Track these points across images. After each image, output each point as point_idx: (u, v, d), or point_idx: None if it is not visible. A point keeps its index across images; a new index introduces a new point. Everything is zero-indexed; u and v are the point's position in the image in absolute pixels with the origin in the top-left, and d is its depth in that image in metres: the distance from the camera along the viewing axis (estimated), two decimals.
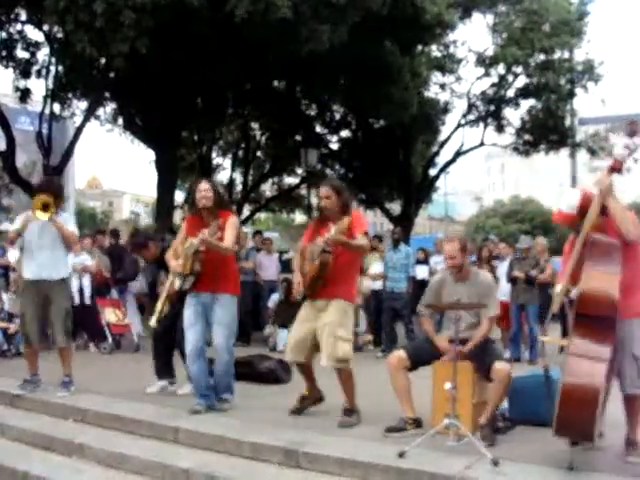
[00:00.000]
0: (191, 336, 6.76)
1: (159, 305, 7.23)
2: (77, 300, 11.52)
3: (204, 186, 6.81)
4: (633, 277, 5.07)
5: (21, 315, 8.04)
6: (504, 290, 11.16)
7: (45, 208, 7.38)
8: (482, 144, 26.25)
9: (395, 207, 28.28)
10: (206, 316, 6.78)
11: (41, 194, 7.47)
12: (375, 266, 13.26)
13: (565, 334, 10.04)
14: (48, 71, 17.98)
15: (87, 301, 11.86)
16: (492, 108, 24.99)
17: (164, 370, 7.99)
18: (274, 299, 13.51)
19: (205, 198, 6.73)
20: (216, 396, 6.87)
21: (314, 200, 16.43)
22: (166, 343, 7.93)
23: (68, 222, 7.78)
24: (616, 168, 5.00)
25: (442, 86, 25.13)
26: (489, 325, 6.14)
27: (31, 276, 7.66)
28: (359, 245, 6.31)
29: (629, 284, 4.99)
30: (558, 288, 5.24)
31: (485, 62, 23.72)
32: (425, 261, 13.75)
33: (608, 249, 4.94)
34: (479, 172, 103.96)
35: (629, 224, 4.97)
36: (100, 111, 21.80)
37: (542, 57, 22.21)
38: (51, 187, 7.74)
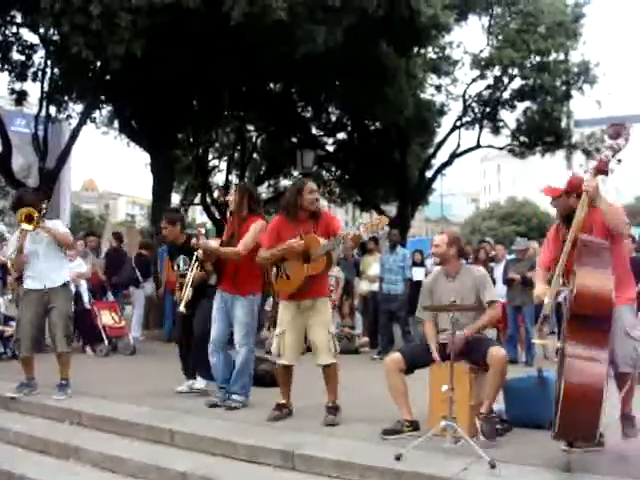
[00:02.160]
0: (213, 330, 7.15)
1: (185, 292, 7.66)
2: (72, 307, 11.49)
3: (232, 190, 7.39)
4: (621, 272, 5.17)
5: (17, 320, 8.03)
6: (501, 292, 11.16)
7: (29, 219, 7.39)
8: (478, 146, 26.27)
9: (391, 209, 28.28)
10: (228, 313, 7.10)
11: (20, 208, 7.50)
12: (374, 267, 13.27)
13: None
14: (44, 74, 17.95)
15: (86, 306, 11.85)
16: (488, 110, 25.02)
17: (191, 369, 8.05)
18: (270, 302, 13.47)
19: (231, 203, 7.20)
20: (229, 392, 7.10)
21: None
22: (189, 345, 8.00)
23: (57, 226, 7.78)
24: (601, 169, 5.08)
25: (438, 88, 25.17)
26: (494, 310, 6.20)
27: (32, 286, 7.66)
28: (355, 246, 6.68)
29: (623, 275, 5.16)
30: (540, 289, 5.31)
31: (481, 64, 23.74)
32: (421, 263, 13.72)
33: (598, 250, 4.98)
34: (475, 174, 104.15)
35: (619, 220, 5.15)
36: (96, 114, 21.75)
37: (538, 59, 22.25)
38: (23, 201, 7.72)
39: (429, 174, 26.92)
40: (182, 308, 7.62)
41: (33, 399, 7.52)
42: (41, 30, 16.05)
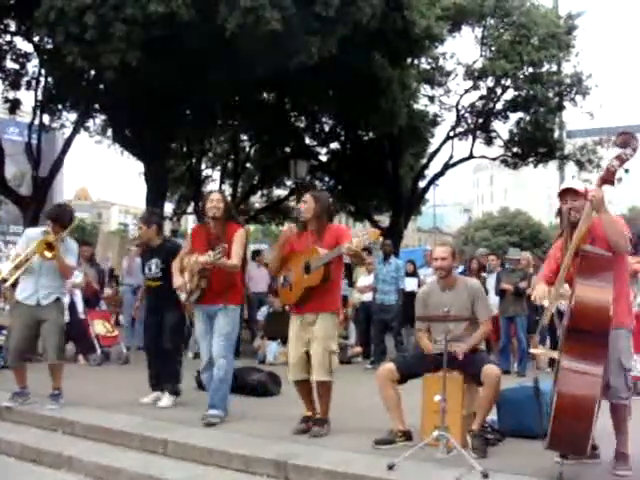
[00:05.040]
0: (203, 349, 7.04)
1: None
2: (67, 317, 11.46)
3: (216, 196, 7.01)
4: (621, 287, 5.11)
5: (8, 329, 8.01)
6: (493, 302, 11.18)
7: (50, 248, 7.36)
8: (471, 156, 26.29)
9: (384, 219, 28.30)
10: (212, 326, 6.92)
11: (47, 235, 7.46)
12: (362, 279, 13.29)
13: (555, 347, 10.07)
14: (38, 82, 17.98)
15: (81, 316, 11.83)
16: (481, 120, 25.07)
17: (157, 381, 7.98)
18: (263, 311, 13.50)
19: (216, 208, 6.88)
20: (207, 405, 6.87)
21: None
22: (157, 353, 7.93)
23: (69, 251, 7.73)
24: (608, 179, 4.98)
25: (431, 98, 25.20)
26: (487, 327, 6.19)
27: (23, 300, 7.63)
28: (365, 258, 6.58)
29: (619, 294, 5.04)
30: (542, 290, 5.26)
31: (474, 75, 23.79)
32: (413, 274, 13.75)
33: (600, 262, 4.94)
34: (468, 184, 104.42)
35: (620, 237, 4.99)
36: (89, 123, 21.81)
37: (530, 70, 22.31)
38: (61, 217, 7.71)
39: (422, 184, 26.95)
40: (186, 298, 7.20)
41: (26, 409, 7.49)
42: (35, 39, 16.09)
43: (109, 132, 23.18)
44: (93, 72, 15.00)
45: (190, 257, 6.97)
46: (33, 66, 17.86)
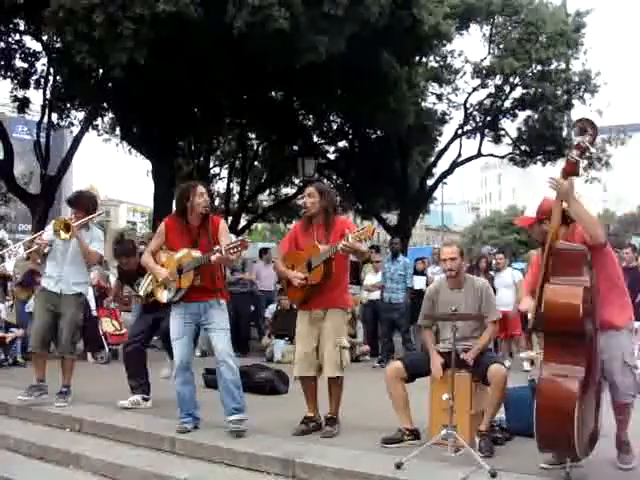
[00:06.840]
0: (179, 350, 6.43)
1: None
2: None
3: (204, 190, 6.52)
4: (610, 286, 4.98)
5: (33, 319, 8.07)
6: (504, 300, 11.14)
7: (67, 229, 7.36)
8: (479, 154, 26.28)
9: (392, 217, 28.30)
10: (195, 326, 6.48)
11: (68, 212, 7.54)
12: (369, 277, 13.27)
13: None
14: (46, 81, 18.04)
15: (93, 313, 11.86)
16: (489, 119, 25.06)
17: (138, 386, 7.82)
18: (271, 309, 13.50)
19: (207, 203, 6.45)
20: (227, 412, 6.30)
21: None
22: (138, 360, 7.83)
23: (95, 239, 7.72)
24: (570, 171, 4.79)
25: (439, 96, 25.23)
26: (493, 329, 6.16)
27: (47, 286, 7.66)
28: (365, 251, 6.44)
29: (607, 293, 4.92)
30: (527, 303, 5.17)
31: (482, 73, 23.80)
32: (423, 272, 13.72)
33: (572, 257, 4.77)
34: (476, 183, 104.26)
35: (593, 226, 4.82)
36: (98, 121, 21.85)
37: (539, 68, 22.31)
38: (80, 201, 7.75)
39: (430, 182, 26.97)
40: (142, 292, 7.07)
41: (34, 406, 7.49)
42: (44, 38, 16.15)
43: (117, 130, 23.25)
44: (101, 71, 15.04)
45: (170, 253, 6.52)
46: (42, 65, 17.96)
